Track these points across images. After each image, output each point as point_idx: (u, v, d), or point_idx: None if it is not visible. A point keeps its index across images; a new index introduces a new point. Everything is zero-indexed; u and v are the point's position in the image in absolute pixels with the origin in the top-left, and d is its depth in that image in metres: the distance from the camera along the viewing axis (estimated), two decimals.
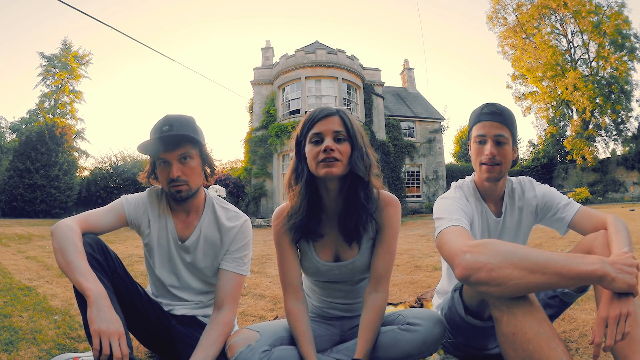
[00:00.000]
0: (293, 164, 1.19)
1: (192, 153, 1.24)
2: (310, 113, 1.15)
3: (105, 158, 21.06)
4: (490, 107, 1.28)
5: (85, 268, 1.02)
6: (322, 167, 1.08)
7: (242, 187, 14.99)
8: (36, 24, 53.98)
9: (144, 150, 1.23)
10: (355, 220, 1.16)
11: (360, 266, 1.22)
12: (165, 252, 1.34)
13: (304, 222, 1.17)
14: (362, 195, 1.14)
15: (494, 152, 1.24)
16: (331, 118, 1.11)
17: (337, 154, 1.08)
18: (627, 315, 0.86)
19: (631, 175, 19.80)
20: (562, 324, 1.71)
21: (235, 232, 1.32)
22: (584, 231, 1.24)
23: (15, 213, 17.34)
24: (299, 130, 1.16)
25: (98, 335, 0.91)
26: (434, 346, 1.11)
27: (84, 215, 1.20)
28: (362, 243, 1.21)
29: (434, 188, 19.04)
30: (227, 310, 1.23)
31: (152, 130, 1.22)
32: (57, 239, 1.07)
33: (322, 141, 1.10)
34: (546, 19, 22.45)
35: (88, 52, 22.58)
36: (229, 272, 1.29)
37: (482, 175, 1.29)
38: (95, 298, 0.96)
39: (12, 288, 2.66)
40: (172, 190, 1.23)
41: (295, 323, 1.16)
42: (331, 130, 1.10)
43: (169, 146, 1.20)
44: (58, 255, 1.05)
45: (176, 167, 1.20)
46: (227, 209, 1.38)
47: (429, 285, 2.69)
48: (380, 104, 17.24)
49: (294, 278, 1.22)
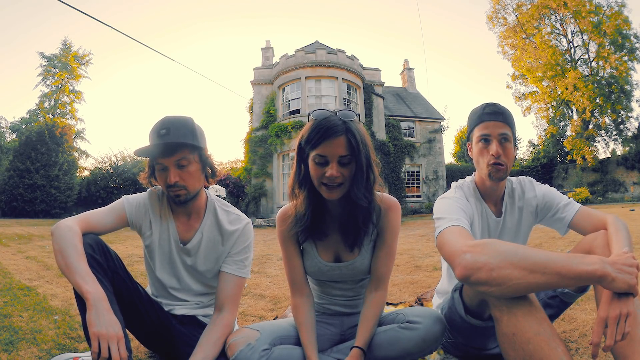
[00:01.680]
0: (295, 170, 1.18)
1: (190, 158, 1.21)
2: (317, 126, 1.07)
3: (105, 158, 21.07)
4: (491, 107, 1.28)
5: (84, 270, 1.02)
6: (325, 190, 1.10)
7: (242, 187, 15.00)
8: (36, 24, 54.06)
9: (142, 155, 1.24)
10: (356, 229, 1.19)
11: (360, 267, 1.24)
12: (166, 255, 1.34)
13: (310, 226, 1.20)
14: (361, 217, 1.17)
15: (499, 152, 1.24)
16: (338, 140, 1.05)
17: (340, 179, 1.07)
18: (627, 315, 0.86)
19: (631, 175, 19.80)
20: (562, 324, 1.71)
21: (237, 236, 1.32)
22: (584, 231, 1.24)
23: (15, 213, 17.34)
24: (304, 139, 1.11)
25: (97, 338, 0.91)
26: (434, 344, 1.11)
27: (84, 216, 1.19)
28: (363, 245, 1.23)
29: (434, 188, 19.04)
30: (227, 312, 1.24)
31: (150, 133, 1.22)
32: (57, 240, 1.07)
33: (326, 164, 1.07)
34: (546, 19, 22.46)
35: (88, 52, 22.61)
36: (230, 274, 1.29)
37: (489, 175, 1.28)
38: (94, 301, 0.96)
39: (12, 288, 2.66)
40: (171, 195, 1.23)
41: (297, 315, 1.22)
42: (337, 155, 1.05)
43: (165, 152, 1.18)
44: (58, 256, 1.05)
45: (173, 173, 1.18)
46: (228, 211, 1.38)
47: (429, 285, 2.69)
48: (380, 104, 17.24)
49: (299, 275, 1.27)
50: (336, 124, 1.06)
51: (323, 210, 1.22)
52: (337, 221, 1.23)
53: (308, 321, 1.20)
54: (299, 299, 1.25)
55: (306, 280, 1.29)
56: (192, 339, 1.20)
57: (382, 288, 1.22)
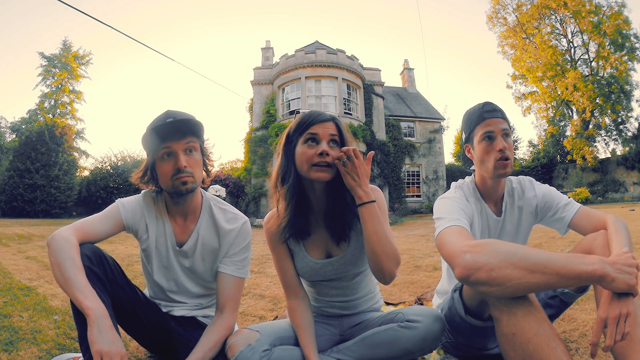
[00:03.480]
0: (280, 163, 1.20)
1: (197, 146, 1.23)
2: (307, 114, 1.17)
3: (105, 158, 21.02)
4: (489, 105, 1.31)
5: (84, 285, 1.00)
6: (315, 171, 1.11)
7: (242, 187, 14.98)
8: (36, 24, 54.03)
9: (150, 140, 1.19)
10: (342, 221, 1.19)
11: (351, 259, 1.23)
12: (163, 257, 1.32)
13: (292, 222, 1.19)
14: (349, 197, 1.16)
15: (505, 146, 1.26)
16: (328, 123, 1.14)
17: (329, 159, 1.11)
18: (626, 315, 0.86)
19: (631, 175, 19.80)
20: (562, 324, 1.71)
21: (234, 235, 1.30)
22: (584, 231, 1.24)
23: (15, 213, 17.33)
24: (292, 129, 1.18)
25: (100, 356, 0.90)
26: (434, 343, 1.11)
27: (80, 224, 1.16)
28: (351, 238, 1.23)
29: (434, 188, 19.03)
30: (228, 313, 1.23)
31: (152, 123, 1.18)
32: (53, 253, 1.04)
33: (317, 143, 1.12)
34: (546, 19, 22.45)
35: (88, 52, 22.57)
36: (229, 275, 1.27)
37: (498, 171, 1.27)
38: (96, 318, 0.94)
39: (12, 288, 2.66)
40: (177, 183, 1.18)
41: (294, 318, 1.22)
42: (327, 134, 1.13)
43: (176, 134, 1.16)
44: (55, 270, 1.03)
45: (183, 157, 1.18)
46: (225, 210, 1.35)
47: (429, 285, 2.69)
48: (380, 104, 17.23)
49: (291, 278, 1.27)
50: (324, 113, 1.18)
51: (306, 205, 1.22)
52: (321, 216, 1.23)
53: (305, 322, 1.19)
54: (294, 301, 1.25)
55: (299, 282, 1.29)
56: (191, 340, 1.19)
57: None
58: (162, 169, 1.20)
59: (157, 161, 1.21)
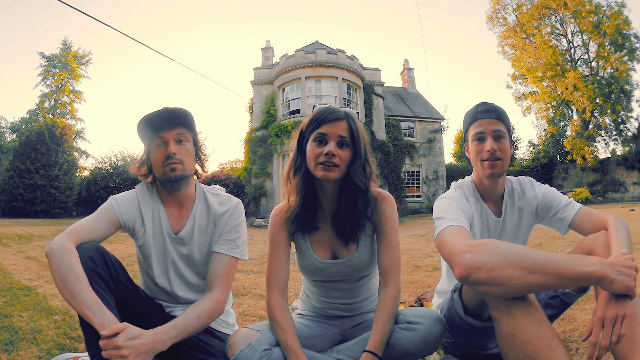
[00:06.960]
0: (293, 157, 1.22)
1: (188, 137, 1.28)
2: (320, 111, 1.16)
3: (105, 158, 21.04)
4: (484, 105, 1.31)
5: (91, 300, 1.00)
6: (321, 170, 1.11)
7: (242, 187, 15.00)
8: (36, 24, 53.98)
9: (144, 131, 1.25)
10: (353, 224, 1.19)
11: (358, 263, 1.23)
12: (160, 247, 1.31)
13: (300, 215, 1.20)
14: (361, 202, 1.16)
15: (494, 147, 1.26)
16: (339, 123, 1.13)
17: (337, 160, 1.11)
18: (623, 317, 0.86)
19: (631, 175, 19.80)
20: (562, 324, 1.71)
21: (228, 216, 1.32)
22: (584, 231, 1.24)
23: (15, 213, 17.33)
24: (305, 124, 1.19)
25: None
26: (434, 345, 1.11)
27: (74, 229, 1.15)
28: (360, 240, 1.22)
29: (434, 188, 19.03)
30: (217, 290, 1.21)
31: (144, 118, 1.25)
32: (54, 266, 1.04)
33: (325, 143, 1.12)
34: (546, 19, 22.44)
35: (88, 52, 22.63)
36: (222, 254, 1.26)
37: (485, 172, 1.28)
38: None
39: (12, 288, 2.66)
40: (167, 169, 1.22)
41: (279, 317, 1.14)
42: (336, 135, 1.12)
43: (167, 124, 1.23)
44: (59, 284, 1.03)
45: (173, 145, 1.23)
46: (218, 194, 1.38)
47: (429, 285, 2.69)
48: (380, 104, 17.24)
49: (282, 276, 1.22)
50: (339, 110, 1.16)
51: (315, 202, 1.22)
52: (330, 215, 1.23)
53: (292, 325, 1.14)
54: (278, 299, 1.18)
55: (287, 284, 1.24)
56: (192, 340, 1.19)
57: (390, 282, 1.16)
58: (154, 157, 1.26)
59: (152, 151, 1.27)
